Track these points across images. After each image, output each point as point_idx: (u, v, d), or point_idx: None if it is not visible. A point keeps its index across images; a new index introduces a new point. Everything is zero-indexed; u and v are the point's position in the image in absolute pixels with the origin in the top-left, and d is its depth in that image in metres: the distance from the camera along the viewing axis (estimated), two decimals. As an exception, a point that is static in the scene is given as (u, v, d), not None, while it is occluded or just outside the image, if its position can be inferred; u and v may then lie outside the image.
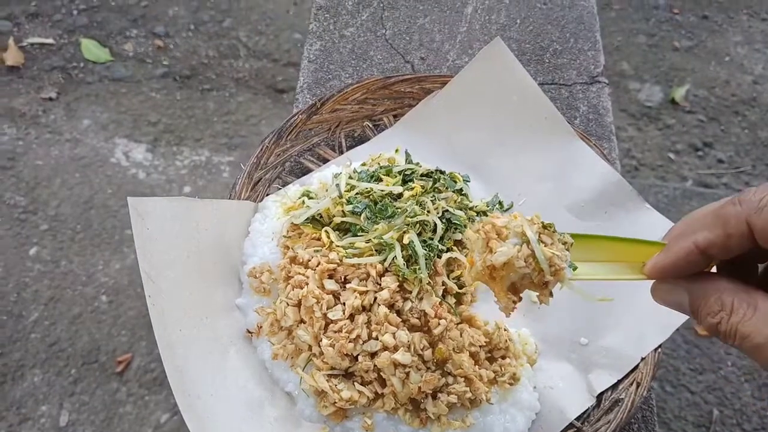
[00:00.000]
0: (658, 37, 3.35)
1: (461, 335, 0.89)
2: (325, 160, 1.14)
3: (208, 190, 2.62)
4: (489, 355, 0.91)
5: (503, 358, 0.91)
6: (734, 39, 3.30)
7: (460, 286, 0.95)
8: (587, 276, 0.69)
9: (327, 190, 1.01)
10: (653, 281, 0.66)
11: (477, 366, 0.88)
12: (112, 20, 3.08)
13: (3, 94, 2.78)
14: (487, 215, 1.04)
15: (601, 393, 0.93)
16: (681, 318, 0.95)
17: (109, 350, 2.20)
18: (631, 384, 0.91)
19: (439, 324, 0.85)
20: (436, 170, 1.04)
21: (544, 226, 0.69)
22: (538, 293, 0.70)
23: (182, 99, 2.89)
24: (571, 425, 0.90)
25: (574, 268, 0.68)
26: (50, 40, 2.97)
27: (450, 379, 0.86)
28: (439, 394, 0.84)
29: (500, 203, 1.08)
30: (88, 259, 2.39)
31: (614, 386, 0.93)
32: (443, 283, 0.91)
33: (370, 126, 1.17)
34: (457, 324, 0.90)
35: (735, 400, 2.17)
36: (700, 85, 3.14)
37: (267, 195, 1.06)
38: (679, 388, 2.13)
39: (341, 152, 1.15)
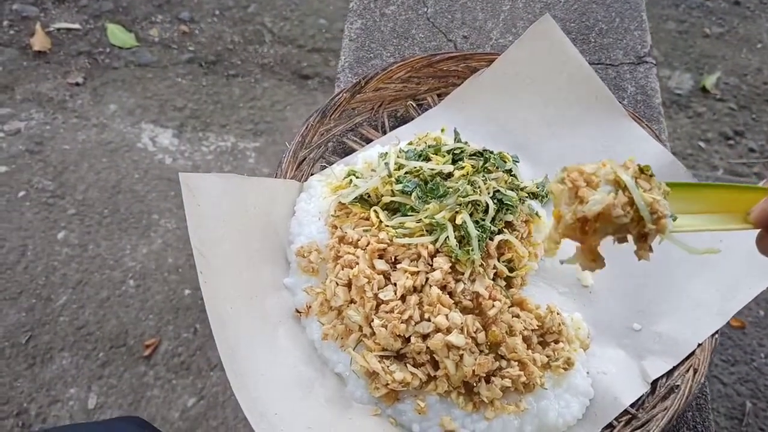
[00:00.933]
0: (688, 23, 3.29)
1: (514, 318, 0.87)
2: (369, 140, 1.12)
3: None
4: (542, 339, 0.89)
5: (556, 342, 0.89)
6: (767, 25, 3.23)
7: (511, 269, 0.93)
8: (689, 228, 0.63)
9: (373, 170, 0.99)
10: (758, 231, 0.61)
11: (530, 350, 0.86)
12: (137, 5, 3.07)
13: (30, 79, 2.79)
14: (537, 197, 1.02)
15: (656, 380, 0.90)
16: (740, 303, 0.93)
17: (136, 334, 2.20)
18: (687, 370, 0.89)
19: (493, 306, 0.83)
20: (485, 150, 1.01)
21: (641, 170, 0.62)
22: (636, 248, 0.64)
23: (208, 85, 2.88)
24: (625, 412, 0.88)
25: (674, 219, 0.62)
26: (77, 26, 2.97)
27: (503, 363, 0.84)
28: (493, 378, 0.82)
29: (550, 184, 1.06)
30: (115, 243, 2.39)
31: (669, 373, 0.90)
32: (494, 266, 0.89)
33: (414, 105, 1.15)
34: (509, 307, 0.88)
35: (768, 392, 2.13)
36: (731, 73, 3.08)
37: (311, 174, 1.04)
38: (711, 379, 2.09)
39: (384, 132, 1.13)
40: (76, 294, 2.26)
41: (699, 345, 0.90)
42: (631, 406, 0.89)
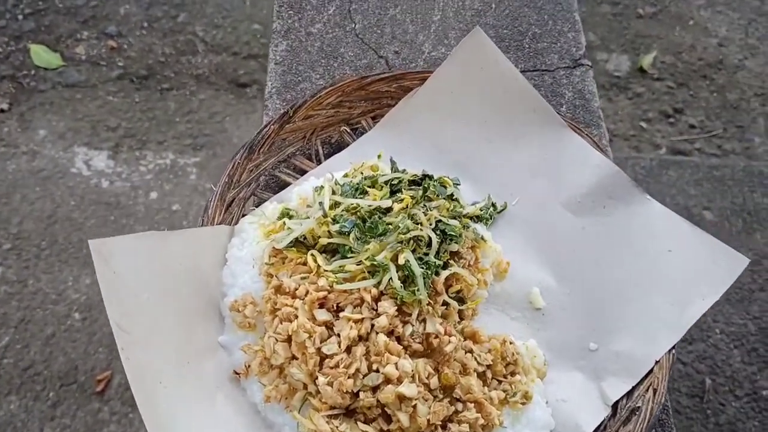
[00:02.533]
0: (621, 5, 3.31)
1: (467, 355, 0.83)
2: (303, 172, 1.06)
3: (176, 194, 2.52)
4: (497, 372, 0.85)
5: (512, 374, 0.85)
6: (697, 2, 3.27)
7: (460, 300, 0.89)
8: None
9: (309, 207, 0.94)
10: None
11: (486, 387, 0.82)
12: (60, 23, 2.92)
13: (-49, 108, 2.64)
14: (481, 219, 0.98)
15: (617, 402, 0.88)
16: (695, 315, 0.91)
17: (87, 369, 2.11)
18: (647, 390, 0.87)
19: (449, 342, 0.79)
20: (424, 176, 0.97)
21: None
22: None
23: (141, 101, 2.77)
24: (588, 442, 0.85)
25: None
26: (-5, 48, 2.81)
27: (459, 406, 0.80)
28: (450, 425, 0.78)
29: (493, 205, 1.02)
30: (56, 276, 2.29)
31: (629, 393, 0.88)
32: (444, 302, 0.85)
33: (348, 131, 1.09)
34: (463, 341, 0.84)
35: (726, 367, 2.17)
36: (666, 51, 3.11)
37: (243, 216, 0.98)
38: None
39: (319, 161, 1.07)
40: (19, 333, 2.16)
41: (657, 362, 0.88)
42: (594, 431, 0.86)
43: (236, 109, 2.78)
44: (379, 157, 1.04)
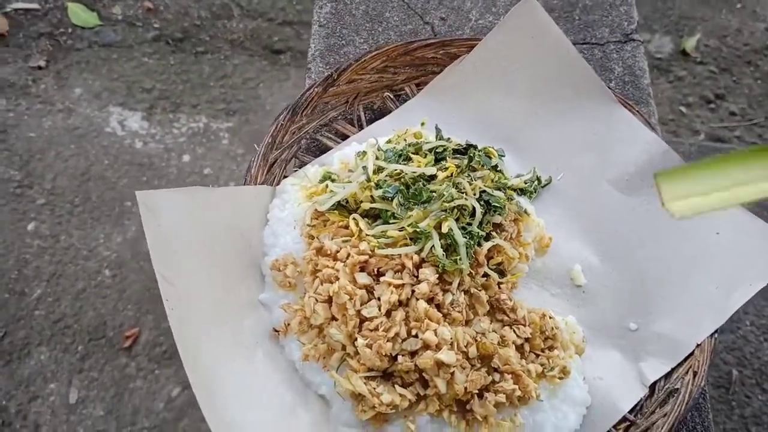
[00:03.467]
0: (667, -16, 3.22)
1: (505, 327, 0.82)
2: (344, 136, 1.05)
3: (208, 157, 2.53)
4: (535, 346, 0.85)
5: (551, 349, 0.84)
6: (746, -16, 3.17)
7: (501, 273, 0.88)
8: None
9: (351, 172, 0.93)
10: None
11: (524, 360, 0.82)
12: (97, -18, 2.93)
13: (-11, 63, 2.66)
14: (525, 192, 0.97)
15: (654, 382, 0.87)
16: (740, 300, 0.89)
17: (115, 325, 2.15)
18: (687, 372, 0.85)
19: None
20: (469, 145, 0.95)
21: None
22: None
23: (176, 63, 2.77)
24: (624, 419, 0.84)
25: None
26: (35, 5, 2.82)
27: (497, 377, 0.79)
28: (486, 394, 0.78)
29: (538, 179, 1.00)
30: (88, 232, 2.32)
31: (667, 375, 0.87)
32: (484, 274, 0.84)
33: (391, 97, 1.08)
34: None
35: (754, 360, 2.14)
36: (711, 35, 3.03)
37: (284, 177, 0.97)
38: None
39: (360, 127, 1.06)
40: (51, 287, 2.20)
41: (698, 345, 0.87)
42: (630, 411, 0.85)
43: (270, 76, 2.77)
44: (422, 124, 1.02)
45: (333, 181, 0.91)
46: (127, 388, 2.04)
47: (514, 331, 0.81)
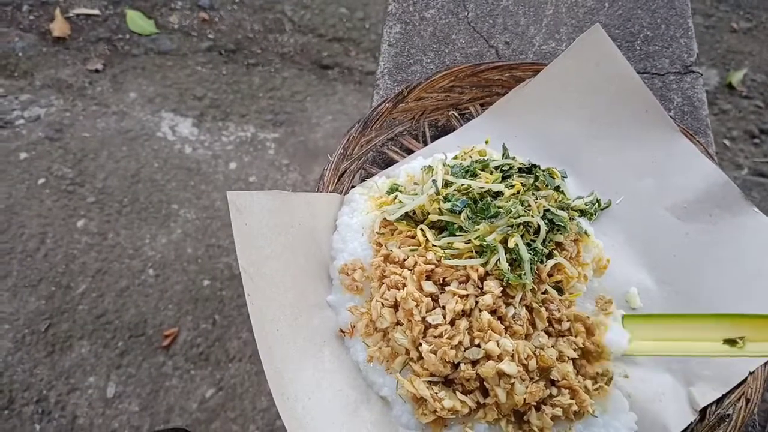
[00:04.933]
0: (715, 17, 3.23)
1: (562, 341, 0.85)
2: (409, 151, 1.09)
3: (254, 166, 2.59)
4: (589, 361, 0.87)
5: (598, 359, 0.87)
6: (795, 20, 3.17)
7: (559, 292, 0.90)
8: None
9: (416, 185, 0.97)
10: None
11: (580, 376, 0.84)
12: (157, -9, 3.04)
13: (50, 65, 2.77)
14: (586, 214, 0.99)
15: (705, 407, 0.88)
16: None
17: (155, 324, 2.20)
18: (739, 399, 0.86)
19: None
20: (533, 165, 0.98)
21: None
22: None
23: (228, 73, 2.85)
24: (678, 439, 0.86)
25: None
26: (96, 11, 2.94)
27: (554, 390, 0.82)
28: (543, 406, 0.80)
29: (598, 201, 1.03)
30: (135, 232, 2.38)
31: (719, 400, 0.88)
32: (545, 290, 0.86)
33: (456, 115, 1.12)
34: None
35: None
36: (758, 69, 3.02)
37: (352, 187, 1.01)
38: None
39: (425, 143, 1.10)
40: (96, 282, 2.26)
41: (751, 373, 0.88)
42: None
43: (317, 90, 2.84)
44: (486, 142, 1.06)
45: (400, 192, 0.95)
46: (162, 386, 2.08)
47: (573, 344, 0.84)
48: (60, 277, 2.28)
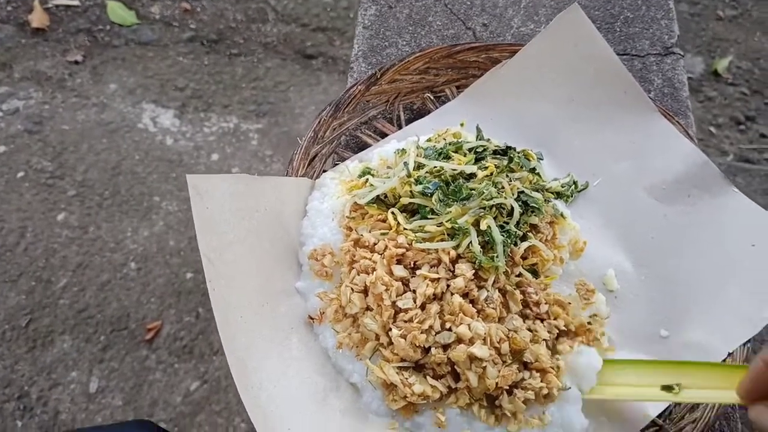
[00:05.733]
0: (701, 5, 3.22)
1: (537, 323, 0.83)
2: (383, 134, 1.07)
3: (237, 157, 2.56)
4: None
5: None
6: (781, 8, 3.16)
7: (534, 275, 0.88)
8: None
9: (389, 168, 0.95)
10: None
11: (556, 356, 0.83)
12: (138, -19, 2.99)
13: (29, 56, 2.73)
14: (562, 196, 0.98)
15: (683, 390, 0.87)
16: (774, 309, 0.89)
17: (138, 317, 2.17)
18: (717, 381, 0.85)
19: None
20: (508, 147, 0.96)
21: None
22: None
23: (210, 64, 2.82)
24: (652, 423, 0.84)
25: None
26: (76, 2, 2.89)
27: (526, 374, 0.80)
28: (516, 390, 0.78)
29: (575, 183, 1.01)
30: (116, 225, 2.35)
31: (698, 383, 0.86)
32: (519, 273, 0.84)
33: (431, 98, 1.09)
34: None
35: None
36: (743, 57, 3.02)
37: (323, 171, 0.99)
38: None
39: (399, 126, 1.07)
40: (77, 277, 2.23)
41: (729, 354, 0.87)
42: (659, 416, 0.85)
43: (301, 80, 2.81)
44: (462, 125, 1.04)
45: (372, 176, 0.92)
46: (146, 379, 2.06)
47: (546, 326, 0.82)
48: (40, 272, 2.25)
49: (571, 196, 1.00)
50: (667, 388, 0.77)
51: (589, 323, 0.86)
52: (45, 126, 2.56)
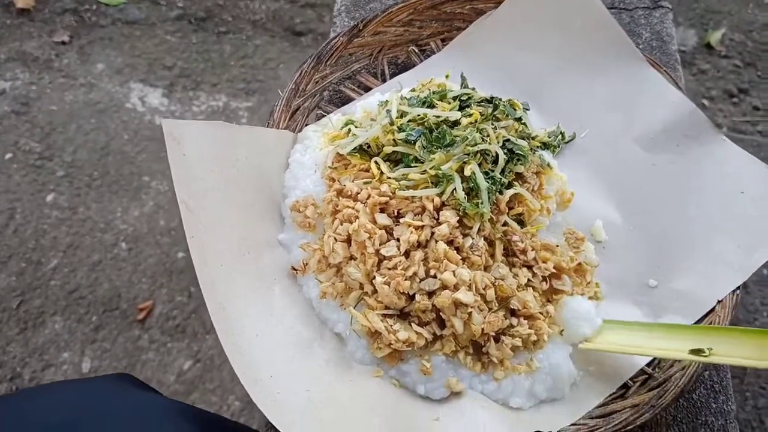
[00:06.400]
0: (694, -23, 3.19)
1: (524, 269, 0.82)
2: (367, 89, 1.05)
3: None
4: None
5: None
6: (775, -21, 3.14)
7: (520, 224, 0.87)
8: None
9: (373, 120, 0.93)
10: None
11: (543, 300, 0.82)
12: (124, -41, 2.95)
13: (15, 37, 2.69)
14: (548, 147, 0.96)
15: (672, 339, 0.85)
16: (761, 259, 0.87)
17: (129, 297, 2.16)
18: (708, 328, 0.84)
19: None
20: (494, 97, 0.94)
21: None
22: None
23: (198, 42, 2.79)
24: (641, 371, 0.83)
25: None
26: (61, -19, 2.85)
27: (514, 321, 0.79)
28: (503, 337, 0.77)
29: (562, 134, 1.00)
30: (106, 205, 2.33)
31: (687, 331, 0.85)
32: (505, 222, 0.83)
33: (416, 51, 1.07)
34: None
35: (771, 352, 2.11)
36: (736, 29, 2.99)
37: (306, 125, 0.97)
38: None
39: (384, 80, 1.05)
40: (67, 257, 2.21)
41: (719, 302, 0.85)
42: (647, 365, 0.84)
43: (290, 57, 2.78)
44: (446, 76, 1.02)
45: (356, 126, 0.91)
46: (139, 359, 2.05)
47: (534, 272, 0.81)
48: (30, 253, 2.23)
49: (558, 147, 0.98)
50: (696, 352, 0.75)
51: (579, 265, 0.84)
52: (32, 107, 2.54)
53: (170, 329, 2.11)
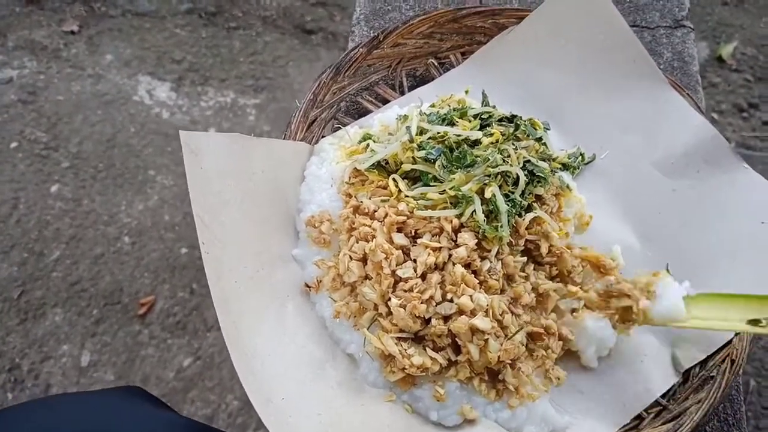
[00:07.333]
0: (706, -11, 3.17)
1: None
2: (385, 101, 1.03)
3: (234, 132, 2.52)
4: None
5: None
6: (788, -7, 3.12)
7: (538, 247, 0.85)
8: None
9: (390, 134, 0.91)
10: None
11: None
12: (135, -50, 2.93)
13: (24, 26, 2.67)
14: (568, 168, 0.94)
15: (688, 370, 0.84)
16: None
17: (131, 292, 2.15)
18: (724, 361, 0.82)
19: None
20: (514, 116, 0.93)
21: None
22: None
23: (207, 37, 2.77)
24: (656, 403, 0.82)
25: None
26: (71, -30, 2.83)
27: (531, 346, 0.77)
28: (519, 364, 0.76)
29: (582, 155, 0.98)
30: (110, 198, 2.32)
31: (703, 362, 0.84)
32: (524, 244, 0.82)
33: (435, 64, 1.06)
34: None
35: (773, 371, 2.10)
36: (749, 43, 2.98)
37: (323, 137, 0.95)
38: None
39: (402, 92, 1.04)
40: (70, 249, 2.20)
41: (737, 334, 0.84)
42: (662, 396, 0.83)
43: (300, 55, 2.76)
44: (466, 92, 1.00)
45: (373, 141, 0.89)
46: (138, 354, 2.04)
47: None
48: (33, 244, 2.21)
49: (578, 168, 0.97)
50: (754, 322, 0.75)
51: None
52: (39, 96, 2.52)
53: (171, 326, 2.10)
